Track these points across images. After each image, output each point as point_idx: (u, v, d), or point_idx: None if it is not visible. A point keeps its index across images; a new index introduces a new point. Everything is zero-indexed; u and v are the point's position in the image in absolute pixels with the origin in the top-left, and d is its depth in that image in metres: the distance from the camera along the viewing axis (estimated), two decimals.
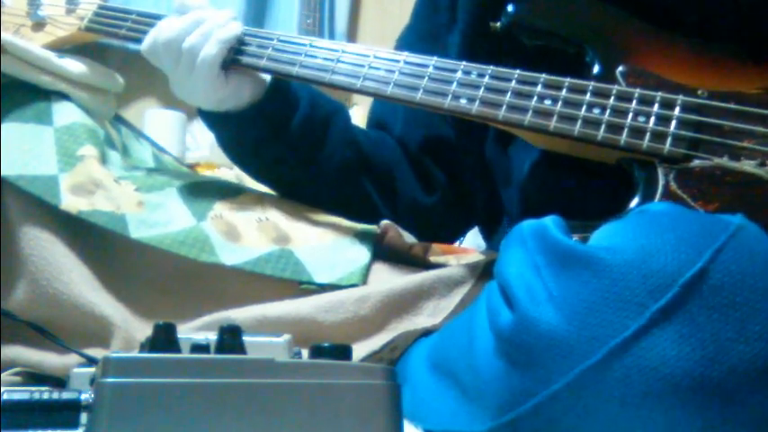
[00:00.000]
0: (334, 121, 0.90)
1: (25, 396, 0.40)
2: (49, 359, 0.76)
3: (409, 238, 0.84)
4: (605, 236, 0.50)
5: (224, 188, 0.86)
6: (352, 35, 2.62)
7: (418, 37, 0.94)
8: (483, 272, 0.79)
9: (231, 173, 1.80)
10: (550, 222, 0.53)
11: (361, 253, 0.81)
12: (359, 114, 1.99)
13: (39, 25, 0.93)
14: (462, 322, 0.59)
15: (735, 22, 0.73)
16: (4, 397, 0.40)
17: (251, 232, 0.80)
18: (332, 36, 2.54)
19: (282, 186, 0.91)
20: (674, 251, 0.46)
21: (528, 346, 0.48)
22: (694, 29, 0.72)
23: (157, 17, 0.85)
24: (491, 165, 0.89)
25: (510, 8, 0.75)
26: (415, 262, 0.82)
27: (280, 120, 0.85)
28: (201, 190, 0.84)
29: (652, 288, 0.46)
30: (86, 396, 0.40)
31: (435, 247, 0.84)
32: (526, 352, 0.48)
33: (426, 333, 0.71)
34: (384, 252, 0.82)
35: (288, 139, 0.86)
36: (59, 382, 0.76)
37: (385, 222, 0.84)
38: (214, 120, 0.86)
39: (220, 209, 0.82)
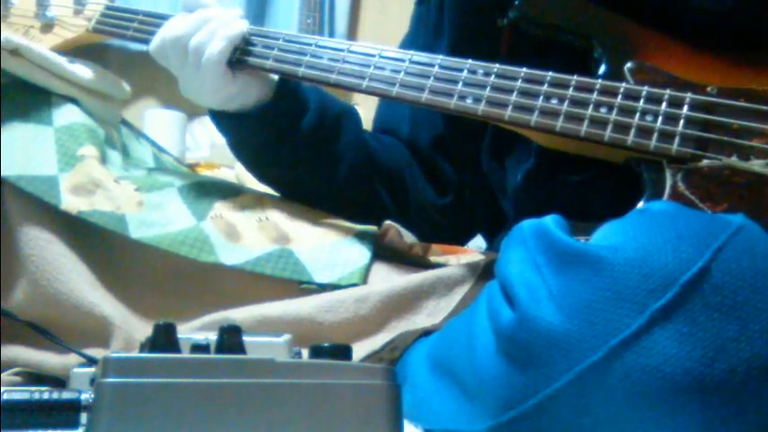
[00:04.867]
0: (344, 124, 0.89)
1: (25, 396, 0.40)
2: (48, 359, 0.76)
3: (409, 237, 0.83)
4: (606, 235, 0.50)
5: (224, 188, 0.86)
6: (352, 35, 2.61)
7: (415, 44, 0.93)
8: (483, 272, 0.79)
9: (231, 173, 1.80)
10: (551, 221, 0.53)
11: (362, 253, 0.81)
12: (360, 114, 1.98)
13: (47, 26, 0.93)
14: (462, 322, 0.59)
15: (745, 16, 0.72)
16: (4, 397, 0.40)
17: (251, 232, 0.80)
18: (332, 36, 2.53)
19: (292, 190, 0.90)
20: (675, 250, 0.46)
21: (528, 344, 0.48)
22: (703, 25, 0.71)
23: (164, 17, 0.85)
24: (488, 177, 0.88)
25: (518, 1, 0.74)
26: (415, 262, 0.82)
27: (288, 121, 0.85)
28: (202, 190, 0.84)
29: (653, 287, 0.45)
30: (86, 396, 0.40)
31: (435, 247, 0.84)
32: (527, 350, 0.48)
33: (426, 333, 0.71)
34: (384, 252, 0.82)
35: (296, 141, 0.85)
36: (59, 382, 0.76)
37: (386, 222, 0.84)
38: (223, 121, 0.85)
39: (220, 209, 0.82)
